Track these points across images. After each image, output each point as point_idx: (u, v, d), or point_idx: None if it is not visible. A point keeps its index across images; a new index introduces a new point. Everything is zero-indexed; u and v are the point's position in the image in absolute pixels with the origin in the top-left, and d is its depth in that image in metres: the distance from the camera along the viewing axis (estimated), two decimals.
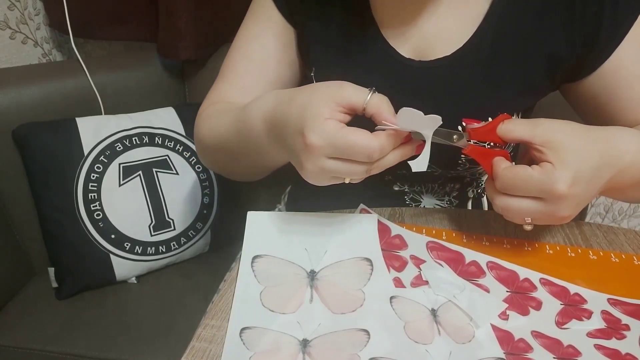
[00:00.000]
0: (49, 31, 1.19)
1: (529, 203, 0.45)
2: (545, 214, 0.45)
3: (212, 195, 1.04)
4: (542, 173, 0.43)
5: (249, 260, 0.49)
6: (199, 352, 0.41)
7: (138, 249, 0.95)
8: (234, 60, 0.67)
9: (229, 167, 0.66)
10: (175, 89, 1.11)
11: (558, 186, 0.42)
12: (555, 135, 0.44)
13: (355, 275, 0.48)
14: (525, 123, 0.46)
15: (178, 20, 0.99)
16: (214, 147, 0.62)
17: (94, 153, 0.92)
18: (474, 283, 0.49)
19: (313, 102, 0.44)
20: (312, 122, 0.42)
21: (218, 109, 0.64)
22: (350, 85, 0.45)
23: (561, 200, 0.43)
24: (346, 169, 0.44)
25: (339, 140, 0.42)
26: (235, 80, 0.67)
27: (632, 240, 0.56)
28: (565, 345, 0.43)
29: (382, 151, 0.43)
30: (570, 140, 0.44)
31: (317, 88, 0.46)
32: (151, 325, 0.88)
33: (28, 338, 0.85)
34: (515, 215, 0.46)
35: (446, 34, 0.59)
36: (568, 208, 0.44)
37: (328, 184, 0.46)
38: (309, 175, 0.45)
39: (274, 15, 0.65)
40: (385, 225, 0.54)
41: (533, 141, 0.45)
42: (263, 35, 0.65)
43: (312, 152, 0.43)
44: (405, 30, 0.60)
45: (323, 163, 0.43)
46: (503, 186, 0.45)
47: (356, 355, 0.40)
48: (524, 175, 0.44)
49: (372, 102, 0.43)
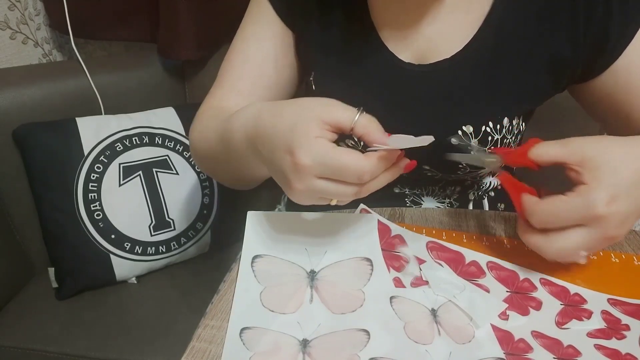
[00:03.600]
0: (49, 31, 1.19)
1: (574, 233, 0.43)
2: (593, 239, 0.43)
3: (212, 195, 1.04)
4: (578, 196, 0.42)
5: (249, 260, 0.49)
6: (199, 352, 0.41)
7: (138, 249, 0.95)
8: (232, 63, 0.67)
9: (216, 173, 0.66)
10: (175, 89, 1.11)
11: (596, 208, 0.41)
12: (589, 153, 0.43)
13: (355, 275, 0.48)
14: (557, 144, 0.45)
15: (178, 20, 0.99)
16: (202, 152, 0.62)
17: (94, 153, 0.92)
18: (474, 283, 0.49)
19: (301, 120, 0.42)
20: (302, 141, 0.41)
21: (211, 113, 0.63)
22: (338, 104, 0.43)
23: (603, 220, 0.42)
24: (335, 189, 0.42)
25: (330, 160, 0.40)
26: (233, 83, 0.66)
27: (632, 240, 0.56)
28: (565, 345, 0.43)
29: (372, 173, 0.41)
30: (605, 156, 0.43)
31: (304, 104, 0.44)
32: (151, 325, 0.88)
33: (28, 338, 0.86)
34: (569, 254, 0.44)
35: (446, 38, 0.58)
36: (614, 227, 0.42)
37: (314, 203, 0.45)
38: (295, 194, 0.43)
39: (272, 19, 0.64)
40: (385, 225, 0.54)
41: (569, 161, 0.43)
42: (261, 39, 0.65)
43: (302, 171, 0.41)
44: (405, 34, 0.59)
45: (312, 183, 0.42)
46: (541, 220, 0.44)
47: (356, 356, 0.40)
48: (560, 203, 0.43)
49: (360, 122, 0.42)
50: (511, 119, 0.59)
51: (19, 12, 1.08)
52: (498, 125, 0.59)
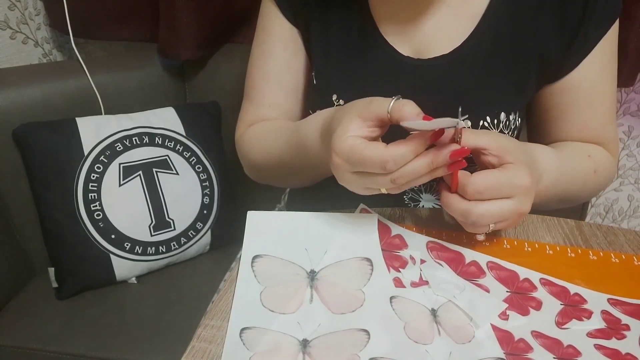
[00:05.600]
0: (49, 31, 1.19)
1: (500, 203, 0.46)
2: (512, 210, 0.46)
3: (212, 195, 1.04)
4: (509, 171, 0.46)
5: (249, 260, 0.49)
6: (199, 352, 0.41)
7: (138, 249, 0.95)
8: (254, 80, 0.71)
9: (286, 180, 0.71)
10: (176, 89, 1.11)
11: (526, 179, 0.45)
12: (504, 142, 0.47)
13: (355, 275, 0.48)
14: (479, 132, 0.48)
15: (178, 20, 0.99)
16: (271, 168, 0.66)
17: (94, 153, 0.92)
18: (474, 283, 0.49)
19: (341, 122, 0.46)
20: (336, 141, 0.45)
21: (262, 130, 0.68)
22: (378, 99, 0.46)
23: (528, 192, 0.46)
24: (369, 181, 0.46)
25: (353, 156, 0.44)
26: (260, 99, 0.70)
27: (632, 241, 0.56)
28: (565, 345, 0.43)
29: (396, 160, 0.43)
30: (516, 145, 0.48)
31: (350, 106, 0.48)
32: (151, 325, 0.88)
33: (28, 338, 0.86)
34: (488, 219, 0.47)
35: (445, 33, 0.59)
36: (530, 200, 0.47)
37: (366, 193, 0.48)
38: (346, 186, 0.48)
39: (281, 24, 0.66)
40: (385, 225, 0.54)
41: (490, 147, 0.46)
42: (275, 49, 0.68)
43: (338, 169, 0.46)
44: (404, 29, 0.60)
45: (348, 178, 0.47)
46: (476, 190, 0.45)
47: (356, 356, 0.40)
48: (495, 176, 0.45)
49: (394, 107, 0.43)
50: (508, 114, 0.60)
51: (19, 11, 1.08)
52: (495, 120, 0.60)
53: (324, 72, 0.65)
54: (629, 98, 1.19)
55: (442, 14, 0.58)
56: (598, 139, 0.64)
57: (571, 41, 0.57)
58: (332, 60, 0.63)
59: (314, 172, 0.62)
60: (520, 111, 0.62)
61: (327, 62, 0.64)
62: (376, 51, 0.61)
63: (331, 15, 0.63)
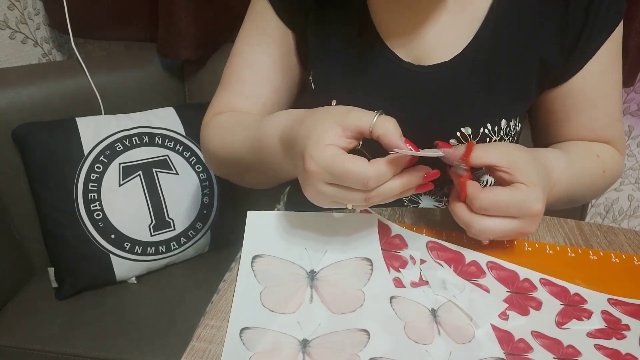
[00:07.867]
0: (48, 31, 1.19)
1: (505, 222, 0.46)
2: (516, 231, 0.46)
3: (212, 195, 1.04)
4: (520, 193, 0.45)
5: (249, 260, 0.49)
6: (199, 352, 0.41)
7: (138, 249, 0.95)
8: (235, 67, 0.67)
9: (241, 177, 0.66)
10: (175, 89, 1.11)
11: (536, 205, 0.45)
12: (515, 157, 0.47)
13: (355, 275, 0.48)
14: (489, 147, 0.47)
15: (178, 20, 0.99)
16: (227, 160, 0.62)
17: (94, 153, 0.92)
18: (474, 283, 0.49)
19: (318, 127, 0.44)
20: (312, 148, 0.43)
21: (227, 120, 0.64)
22: (357, 109, 0.45)
23: (537, 217, 0.46)
24: (343, 195, 0.43)
25: (334, 167, 0.42)
26: (238, 87, 0.66)
27: (632, 241, 0.56)
28: (566, 345, 0.43)
29: (378, 179, 0.42)
30: (527, 160, 0.47)
31: (326, 112, 0.46)
32: (151, 325, 0.88)
33: (28, 338, 0.86)
34: (490, 235, 0.47)
35: (445, 40, 0.58)
36: (537, 223, 0.47)
37: (330, 207, 0.46)
38: (310, 197, 0.46)
39: (272, 20, 0.64)
40: (385, 225, 0.54)
41: (501, 164, 0.46)
42: (263, 41, 0.65)
43: (310, 177, 0.43)
44: (404, 35, 0.59)
45: (321, 188, 0.44)
46: (483, 207, 0.46)
47: (356, 356, 0.40)
48: (503, 195, 0.45)
49: (378, 123, 0.43)
50: (508, 120, 0.60)
51: (18, 11, 1.08)
52: (496, 127, 0.59)
53: (323, 77, 0.64)
54: (629, 98, 1.19)
55: (442, 21, 0.58)
56: (604, 138, 0.64)
57: (574, 45, 0.57)
58: (331, 65, 0.63)
59: (269, 174, 0.59)
60: (520, 116, 0.62)
61: (325, 66, 0.63)
62: (377, 57, 0.60)
63: (330, 20, 0.62)
